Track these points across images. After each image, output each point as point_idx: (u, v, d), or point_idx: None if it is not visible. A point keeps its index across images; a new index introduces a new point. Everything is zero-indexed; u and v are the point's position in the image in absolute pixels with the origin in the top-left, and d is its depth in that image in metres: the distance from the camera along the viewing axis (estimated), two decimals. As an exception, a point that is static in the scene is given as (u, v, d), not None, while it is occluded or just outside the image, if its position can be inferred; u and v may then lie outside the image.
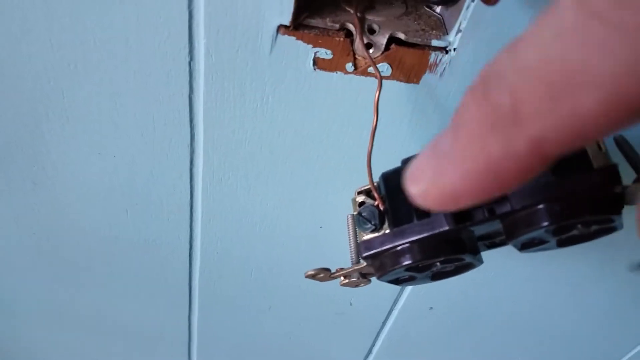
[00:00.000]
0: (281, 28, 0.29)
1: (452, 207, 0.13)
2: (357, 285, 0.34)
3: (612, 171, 0.24)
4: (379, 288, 0.49)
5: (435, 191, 0.13)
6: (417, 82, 0.32)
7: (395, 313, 0.53)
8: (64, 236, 0.47)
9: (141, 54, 0.31)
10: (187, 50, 0.31)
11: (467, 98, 0.13)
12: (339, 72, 0.32)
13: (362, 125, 0.35)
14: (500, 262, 0.47)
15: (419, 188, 0.13)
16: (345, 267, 0.32)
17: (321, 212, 0.42)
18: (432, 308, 0.53)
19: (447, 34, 0.31)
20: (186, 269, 0.49)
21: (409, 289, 0.50)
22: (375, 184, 0.30)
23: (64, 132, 0.36)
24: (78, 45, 0.31)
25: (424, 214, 0.28)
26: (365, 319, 0.55)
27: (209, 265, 0.49)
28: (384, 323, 0.55)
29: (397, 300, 0.52)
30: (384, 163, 0.31)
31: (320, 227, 0.44)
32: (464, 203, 0.13)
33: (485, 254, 0.30)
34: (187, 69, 0.32)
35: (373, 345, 0.59)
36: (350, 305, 0.53)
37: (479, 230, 0.28)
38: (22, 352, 0.68)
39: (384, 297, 0.52)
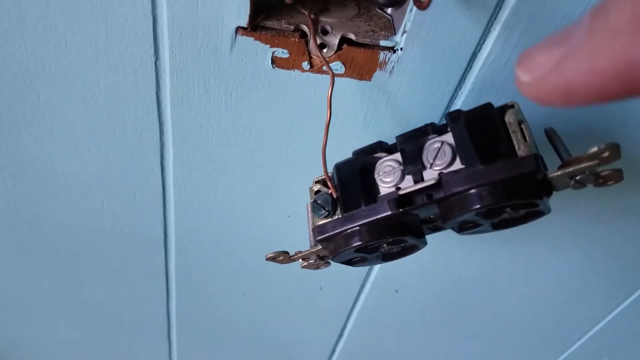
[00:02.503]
0: (239, 29, 0.32)
1: (560, 103, 0.12)
2: (317, 267, 0.36)
3: (535, 159, 0.27)
4: (346, 272, 0.52)
5: (551, 82, 0.12)
6: (369, 79, 0.35)
7: (363, 296, 0.56)
8: (44, 230, 0.49)
9: (110, 55, 0.33)
10: (152, 50, 0.33)
11: None
12: (296, 70, 0.34)
13: (321, 119, 0.37)
14: (460, 247, 0.50)
15: (533, 76, 0.12)
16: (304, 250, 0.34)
17: (288, 202, 0.45)
18: (397, 291, 0.56)
19: (395, 34, 0.33)
20: (162, 258, 0.52)
21: (374, 273, 0.53)
22: (329, 174, 0.33)
23: (40, 130, 0.38)
24: (51, 48, 0.33)
25: (370, 200, 0.30)
26: (335, 302, 0.58)
27: (184, 254, 0.51)
28: (353, 305, 0.58)
29: (364, 283, 0.55)
30: (342, 154, 0.34)
31: (288, 216, 0.46)
32: (576, 102, 0.12)
33: (448, 239, 0.33)
34: (154, 68, 0.34)
35: (344, 327, 0.62)
36: (321, 289, 0.55)
37: (422, 213, 0.31)
38: (4, 342, 0.70)
39: (352, 281, 0.55)
